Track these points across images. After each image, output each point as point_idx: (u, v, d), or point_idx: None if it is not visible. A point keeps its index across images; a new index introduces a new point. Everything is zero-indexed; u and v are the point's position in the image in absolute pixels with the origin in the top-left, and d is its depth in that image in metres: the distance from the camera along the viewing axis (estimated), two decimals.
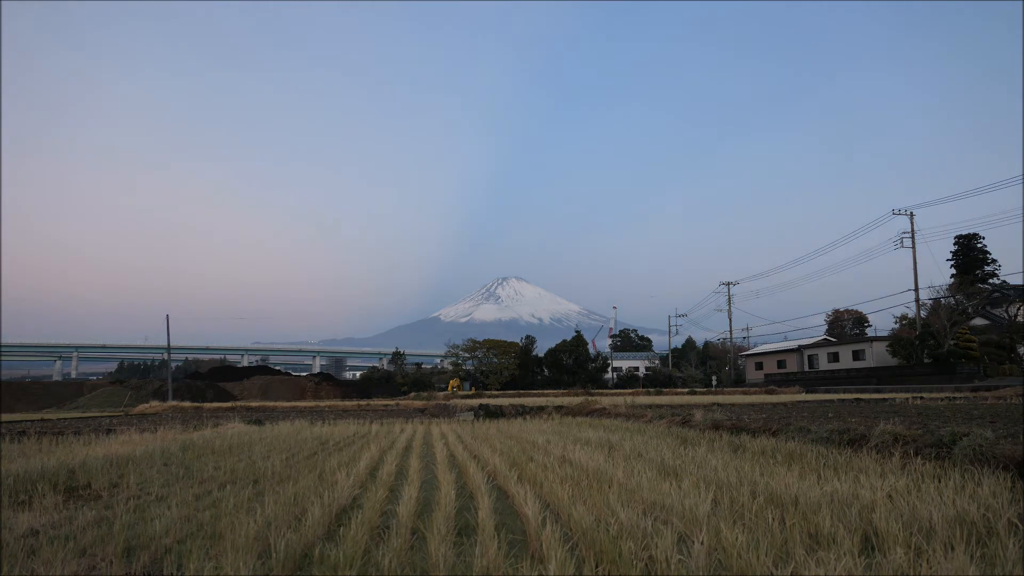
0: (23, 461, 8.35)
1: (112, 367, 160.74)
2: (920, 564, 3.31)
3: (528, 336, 74.06)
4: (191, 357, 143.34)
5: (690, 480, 5.83)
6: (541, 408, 22.25)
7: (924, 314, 50.06)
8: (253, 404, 38.54)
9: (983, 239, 59.49)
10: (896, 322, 63.65)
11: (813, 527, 4.12)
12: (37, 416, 29.44)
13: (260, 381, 64.47)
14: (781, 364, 62.85)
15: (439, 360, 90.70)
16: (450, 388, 59.00)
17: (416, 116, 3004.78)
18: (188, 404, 35.48)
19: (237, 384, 63.28)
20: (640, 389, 55.16)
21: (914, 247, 48.32)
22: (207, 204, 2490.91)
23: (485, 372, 68.62)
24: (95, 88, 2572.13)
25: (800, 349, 61.39)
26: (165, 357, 70.45)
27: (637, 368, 79.07)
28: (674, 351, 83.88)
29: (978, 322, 51.43)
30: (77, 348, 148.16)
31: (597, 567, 3.59)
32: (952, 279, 57.76)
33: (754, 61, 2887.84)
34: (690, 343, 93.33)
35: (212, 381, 63.97)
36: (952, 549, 3.40)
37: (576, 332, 73.60)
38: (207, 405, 37.03)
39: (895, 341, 48.77)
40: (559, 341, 71.79)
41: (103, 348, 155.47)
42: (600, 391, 47.45)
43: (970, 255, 59.51)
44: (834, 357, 55.77)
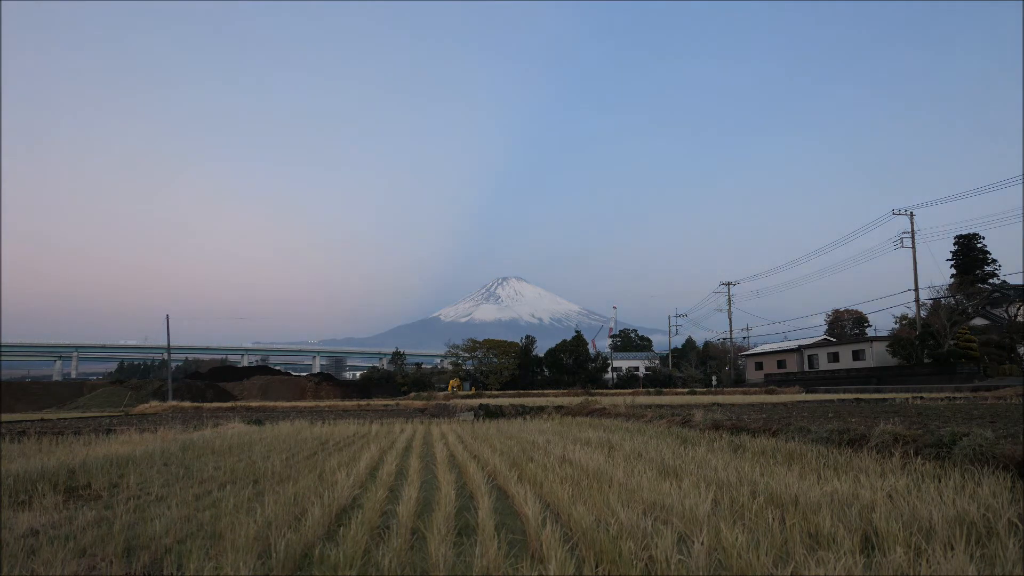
0: (23, 461, 8.35)
1: (112, 367, 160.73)
2: (920, 564, 3.31)
3: (528, 336, 74.05)
4: (191, 357, 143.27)
5: (690, 480, 5.83)
6: (541, 408, 22.25)
7: (924, 314, 50.06)
8: (253, 404, 38.55)
9: (983, 239, 59.51)
10: (896, 322, 63.65)
11: (813, 527, 4.12)
12: (37, 416, 29.45)
13: (260, 381, 64.50)
14: (781, 364, 62.85)
15: (439, 360, 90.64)
16: (450, 388, 58.98)
17: (419, 117, 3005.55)
18: (188, 404, 35.50)
19: (237, 384, 63.31)
20: (640, 389, 55.15)
21: (914, 247, 48.39)
22: (207, 204, 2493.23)
23: (485, 372, 68.61)
24: (95, 88, 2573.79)
25: (800, 349, 61.40)
26: (165, 357, 70.44)
27: (637, 368, 79.07)
28: (674, 351, 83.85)
29: (978, 322, 51.41)
30: (77, 348, 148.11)
31: (597, 567, 3.59)
32: (952, 279, 57.74)
33: (753, 62, 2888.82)
34: (690, 343, 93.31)
35: (212, 381, 64.00)
36: (952, 549, 3.40)
37: (576, 332, 73.59)
38: (207, 405, 37.05)
39: (895, 341, 48.77)
40: (559, 341, 71.79)
41: (103, 348, 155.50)
42: (600, 391, 47.45)
43: (970, 255, 59.50)
44: (834, 357, 55.77)
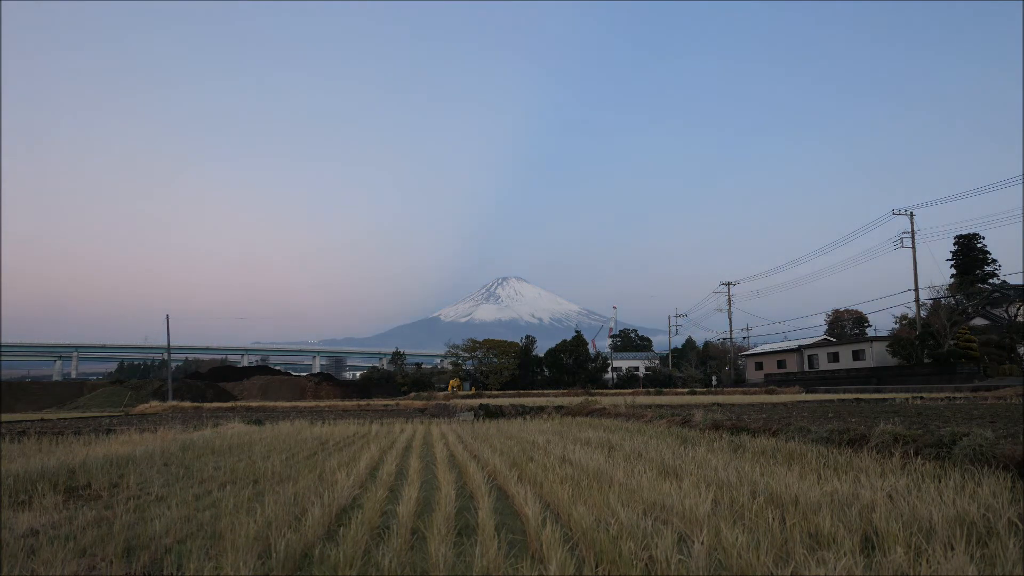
0: (23, 461, 8.34)
1: (112, 367, 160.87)
2: (920, 564, 3.31)
3: (528, 336, 74.07)
4: (191, 357, 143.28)
5: (690, 480, 5.83)
6: (541, 408, 22.24)
7: (924, 314, 50.04)
8: (253, 404, 38.54)
9: (983, 239, 59.52)
10: (896, 322, 63.67)
11: (813, 527, 4.12)
12: (37, 416, 29.45)
13: (260, 381, 64.49)
14: (781, 364, 62.85)
15: (439, 360, 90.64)
16: (450, 388, 58.98)
17: (419, 118, 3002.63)
18: (188, 404, 35.50)
19: (237, 384, 63.31)
20: (640, 389, 55.15)
21: (914, 247, 48.38)
22: (208, 204, 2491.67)
23: (485, 372, 68.60)
24: (95, 88, 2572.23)
25: (800, 349, 61.39)
26: (165, 357, 70.43)
27: (637, 368, 79.07)
28: (674, 351, 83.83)
29: (978, 322, 51.42)
30: (77, 348, 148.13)
31: (597, 567, 3.59)
32: (952, 279, 57.76)
33: (753, 62, 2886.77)
34: (690, 343, 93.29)
35: (212, 381, 63.99)
36: (952, 549, 3.40)
37: (576, 332, 73.60)
38: (207, 405, 37.04)
39: (895, 341, 48.76)
40: (559, 341, 71.80)
41: (103, 348, 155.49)
42: (600, 391, 47.45)
43: (970, 255, 59.50)
44: (834, 357, 55.76)
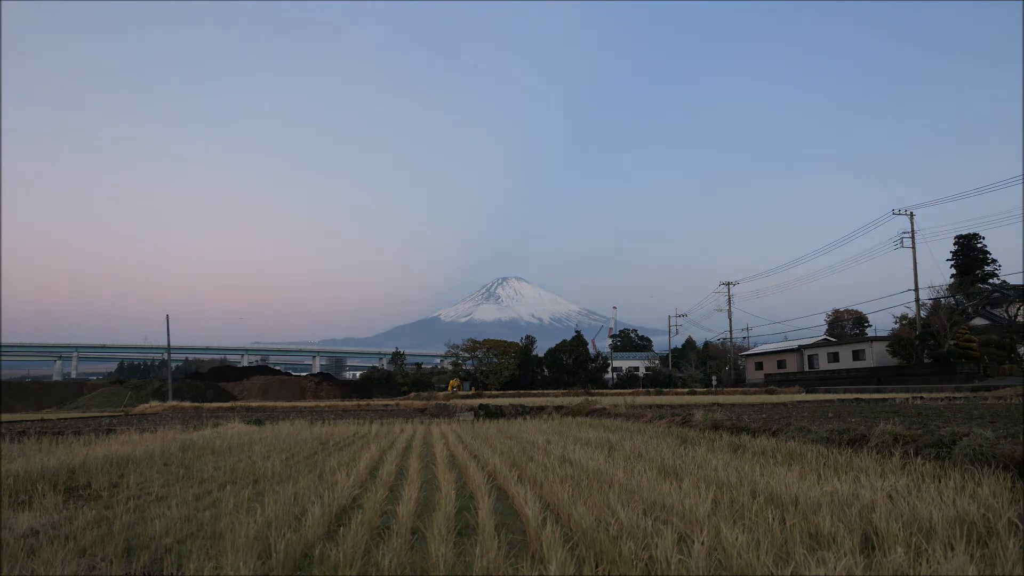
0: (23, 461, 8.34)
1: (112, 367, 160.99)
2: (920, 564, 3.31)
3: (528, 336, 74.05)
4: (191, 357, 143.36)
5: (690, 480, 5.83)
6: (541, 408, 22.25)
7: (924, 314, 50.06)
8: (253, 404, 38.55)
9: (983, 239, 59.58)
10: (896, 322, 63.66)
11: (813, 527, 4.11)
12: (37, 416, 29.45)
13: (260, 381, 64.51)
14: (781, 364, 62.85)
15: (439, 360, 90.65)
16: (450, 388, 58.99)
17: (420, 119, 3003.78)
18: (188, 404, 35.50)
19: (237, 384, 63.33)
20: (640, 389, 55.15)
21: (914, 247, 48.38)
22: (208, 204, 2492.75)
23: (485, 372, 68.61)
24: (96, 88, 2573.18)
25: (800, 349, 61.39)
26: (165, 357, 70.42)
27: (637, 368, 79.06)
28: (674, 351, 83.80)
29: (978, 322, 51.43)
30: (77, 348, 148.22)
31: (597, 567, 3.59)
32: (952, 279, 57.79)
33: (753, 62, 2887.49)
34: (690, 343, 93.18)
35: (212, 381, 64.02)
36: (952, 549, 3.40)
37: (576, 332, 73.60)
38: (207, 405, 37.04)
39: (895, 341, 48.77)
40: (559, 341, 71.80)
41: (103, 348, 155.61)
42: (600, 391, 47.45)
43: (970, 255, 59.53)
44: (834, 357, 55.76)
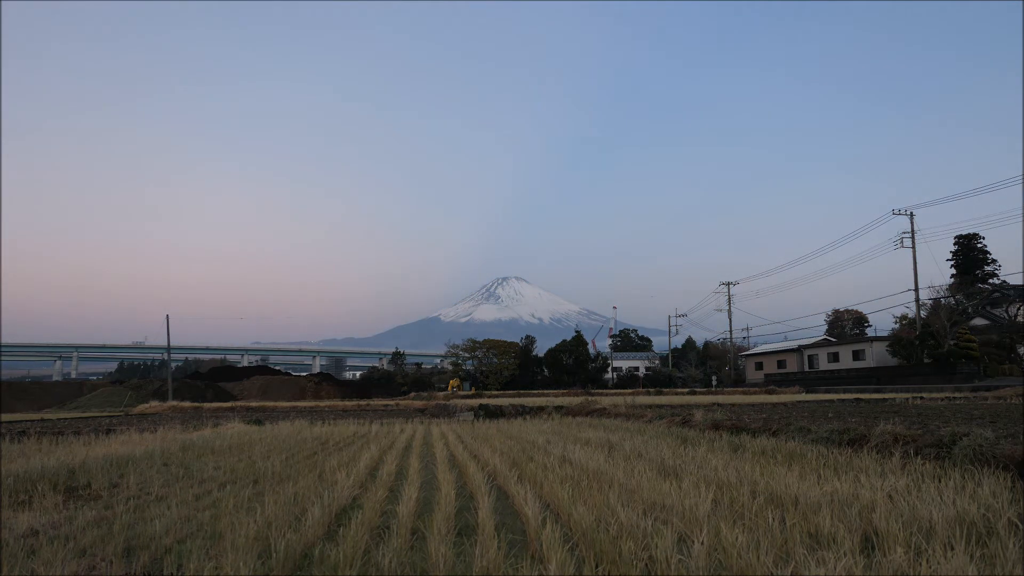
0: (23, 461, 8.35)
1: (112, 367, 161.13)
2: (920, 564, 3.31)
3: (528, 336, 74.10)
4: (191, 357, 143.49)
5: (690, 480, 5.83)
6: (541, 408, 22.26)
7: (924, 314, 50.04)
8: (253, 404, 38.56)
9: (983, 239, 59.60)
10: (896, 322, 63.65)
11: (813, 527, 4.11)
12: (37, 416, 29.48)
13: (260, 381, 64.53)
14: (781, 364, 62.85)
15: (439, 360, 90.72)
16: (450, 388, 59.00)
17: (420, 119, 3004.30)
18: (188, 404, 35.50)
19: (237, 384, 63.36)
20: (640, 389, 55.15)
21: (914, 247, 48.39)
22: (208, 204, 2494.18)
23: (485, 372, 68.63)
24: (97, 88, 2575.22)
25: (800, 349, 61.40)
26: (165, 357, 70.45)
27: (637, 368, 79.07)
28: (674, 351, 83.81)
29: (978, 322, 51.44)
30: (77, 348, 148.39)
31: (597, 567, 3.59)
32: (952, 279, 57.82)
33: (753, 62, 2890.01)
34: (690, 343, 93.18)
35: (212, 381, 64.04)
36: (952, 549, 3.40)
37: (576, 332, 73.61)
38: (207, 405, 37.05)
39: (895, 341, 48.77)
40: (559, 341, 71.83)
41: (103, 348, 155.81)
42: (600, 391, 47.48)
43: (970, 255, 59.55)
44: (834, 357, 55.77)
